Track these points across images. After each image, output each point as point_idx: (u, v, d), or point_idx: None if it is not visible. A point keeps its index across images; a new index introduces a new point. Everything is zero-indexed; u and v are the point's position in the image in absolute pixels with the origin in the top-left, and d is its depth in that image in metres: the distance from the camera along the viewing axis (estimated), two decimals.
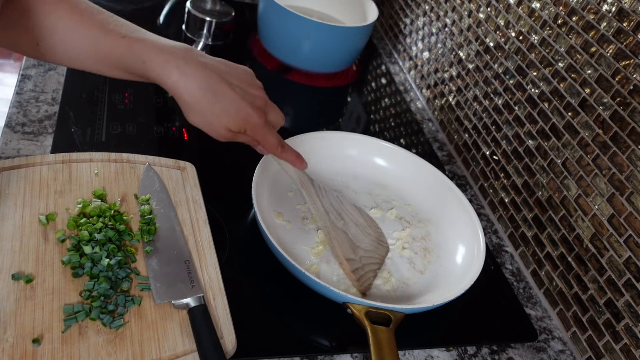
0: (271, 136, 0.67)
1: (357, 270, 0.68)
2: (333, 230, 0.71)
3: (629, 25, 0.67)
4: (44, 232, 0.62)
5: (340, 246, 0.70)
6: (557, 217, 0.77)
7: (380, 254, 0.73)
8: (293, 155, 0.72)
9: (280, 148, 0.69)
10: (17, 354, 0.51)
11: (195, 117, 0.62)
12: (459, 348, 0.68)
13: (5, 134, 0.76)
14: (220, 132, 0.64)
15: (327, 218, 0.72)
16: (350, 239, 0.71)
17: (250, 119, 0.63)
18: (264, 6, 1.06)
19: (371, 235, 0.74)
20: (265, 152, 0.71)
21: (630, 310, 0.65)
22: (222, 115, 0.62)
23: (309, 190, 0.73)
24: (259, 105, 0.65)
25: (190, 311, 0.57)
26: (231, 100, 0.62)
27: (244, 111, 0.63)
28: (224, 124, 0.63)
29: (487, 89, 0.93)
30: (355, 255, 0.70)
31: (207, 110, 0.61)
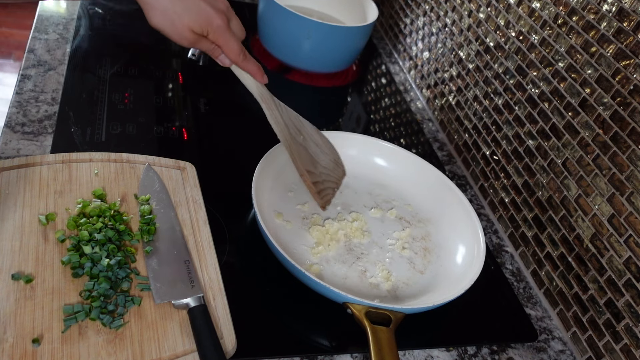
0: (233, 42, 0.66)
1: (317, 184, 0.68)
2: (293, 143, 0.70)
3: (629, 25, 0.67)
4: (43, 232, 0.62)
5: (300, 159, 0.69)
6: (557, 217, 0.77)
7: (337, 175, 0.73)
8: (255, 66, 0.70)
9: (242, 55, 0.67)
10: (17, 354, 0.51)
11: (157, 17, 0.62)
12: (459, 348, 0.68)
13: (5, 134, 0.76)
14: (182, 33, 0.63)
15: (287, 131, 0.71)
16: (310, 154, 0.71)
17: (212, 20, 0.63)
18: (264, 6, 1.06)
19: (328, 155, 0.74)
20: (227, 62, 0.69)
21: (630, 311, 0.65)
22: (183, 14, 0.61)
23: (269, 104, 0.71)
24: (222, 9, 0.65)
25: (190, 311, 0.57)
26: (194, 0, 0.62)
27: (207, 11, 0.62)
28: (186, 24, 0.62)
29: (487, 89, 0.93)
30: (315, 169, 0.70)
31: (168, 8, 0.61)
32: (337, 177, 0.73)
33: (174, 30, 0.63)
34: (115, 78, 0.92)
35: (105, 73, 0.93)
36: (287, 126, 0.72)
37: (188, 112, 0.92)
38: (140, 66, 0.98)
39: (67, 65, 0.91)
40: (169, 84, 0.97)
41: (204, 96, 0.96)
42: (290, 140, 0.71)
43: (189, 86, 0.97)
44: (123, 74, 0.94)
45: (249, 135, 0.90)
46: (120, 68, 0.95)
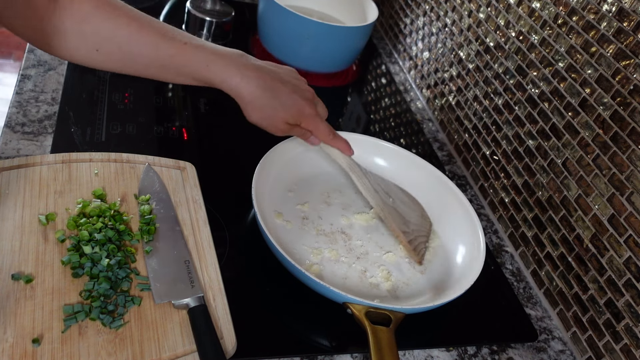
0: (323, 125, 0.73)
1: (412, 242, 0.73)
2: (385, 208, 0.75)
3: (629, 25, 0.67)
4: (43, 232, 0.62)
5: (395, 221, 0.74)
6: (557, 217, 0.77)
7: (425, 228, 0.78)
8: (343, 143, 0.76)
9: (332, 135, 0.74)
10: (17, 354, 0.51)
11: (255, 114, 0.68)
12: (459, 348, 0.68)
13: (5, 134, 0.76)
14: (278, 126, 0.69)
15: (378, 198, 0.76)
16: (401, 215, 0.76)
17: (304, 110, 0.70)
18: (264, 6, 1.06)
19: (415, 211, 0.79)
20: (316, 142, 0.75)
21: (630, 311, 0.65)
22: (279, 109, 0.68)
23: (358, 174, 0.77)
24: (309, 97, 0.71)
25: (190, 311, 0.57)
26: (287, 96, 0.68)
27: (299, 103, 0.69)
28: (282, 117, 0.68)
29: (487, 89, 0.93)
30: (408, 228, 0.74)
31: (266, 106, 0.67)
32: (426, 230, 0.78)
33: (270, 124, 0.69)
34: (115, 78, 0.92)
35: (105, 73, 0.93)
36: (377, 192, 0.76)
37: (188, 112, 0.92)
38: None
39: (67, 65, 0.91)
40: (169, 84, 0.97)
41: (204, 96, 0.96)
42: (383, 206, 0.75)
43: (189, 86, 0.97)
44: (123, 74, 0.94)
45: (249, 135, 0.90)
46: None
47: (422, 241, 0.75)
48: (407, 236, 0.73)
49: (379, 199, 0.75)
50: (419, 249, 0.73)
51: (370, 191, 0.76)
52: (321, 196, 0.80)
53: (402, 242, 0.73)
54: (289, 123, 0.69)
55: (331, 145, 0.75)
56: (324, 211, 0.78)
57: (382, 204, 0.75)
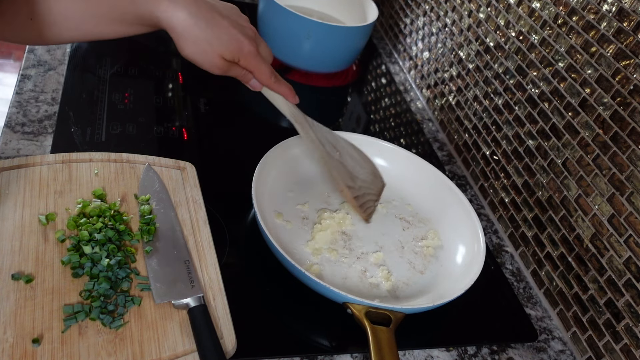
0: (265, 66, 0.67)
1: (358, 198, 0.69)
2: (330, 160, 0.71)
3: (629, 25, 0.67)
4: (43, 232, 0.62)
5: (340, 174, 0.70)
6: (557, 217, 0.77)
7: (376, 187, 0.74)
8: (286, 88, 0.70)
9: (274, 78, 0.68)
10: (17, 354, 0.51)
11: (188, 48, 0.62)
12: (459, 348, 0.68)
13: (5, 134, 0.76)
14: (214, 62, 0.63)
15: (323, 149, 0.71)
16: (348, 170, 0.71)
17: (243, 46, 0.63)
18: (264, 6, 1.06)
19: (366, 168, 0.75)
20: (257, 86, 0.69)
21: (630, 310, 0.65)
22: (215, 43, 0.62)
23: (303, 125, 0.72)
24: (250, 34, 0.65)
25: (190, 311, 0.57)
26: (223, 28, 0.62)
27: (237, 38, 0.63)
28: (218, 52, 0.62)
29: (487, 89, 0.93)
30: (354, 184, 0.70)
31: (200, 37, 0.61)
32: (376, 189, 0.74)
33: (205, 58, 0.63)
34: (115, 78, 0.92)
35: (105, 73, 0.93)
36: (322, 144, 0.72)
37: (188, 112, 0.92)
38: (140, 66, 0.98)
39: (67, 65, 0.91)
40: (169, 84, 0.97)
41: (204, 96, 0.96)
42: (327, 158, 0.71)
43: (189, 86, 0.97)
44: (123, 74, 0.94)
45: (249, 135, 0.90)
46: (120, 68, 0.95)
47: (370, 199, 0.71)
48: (352, 192, 0.69)
49: (324, 151, 0.71)
50: (367, 207, 0.69)
51: (315, 142, 0.71)
52: (321, 196, 0.80)
53: (347, 196, 0.69)
54: (225, 59, 0.63)
55: (273, 89, 0.70)
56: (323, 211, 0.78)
57: (327, 155, 0.71)
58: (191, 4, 0.61)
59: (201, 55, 0.63)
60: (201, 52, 0.62)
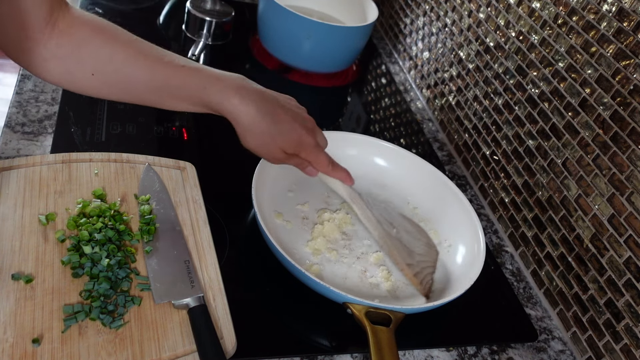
0: (323, 155, 0.69)
1: (418, 274, 0.70)
2: (389, 239, 0.72)
3: (629, 25, 0.67)
4: (43, 232, 0.62)
5: (399, 253, 0.71)
6: (557, 217, 0.77)
7: (432, 258, 0.74)
8: (344, 173, 0.72)
9: (331, 166, 0.71)
10: (17, 354, 0.51)
11: (252, 140, 0.64)
12: (459, 348, 0.68)
13: (5, 134, 0.76)
14: (274, 154, 0.66)
15: (381, 228, 0.73)
16: (405, 246, 0.73)
17: (304, 140, 0.66)
18: (264, 6, 1.06)
19: (421, 240, 0.76)
20: (314, 173, 0.71)
21: (630, 310, 0.65)
22: (277, 137, 0.64)
23: (359, 204, 0.74)
24: (310, 127, 0.67)
25: (190, 311, 0.57)
26: (287, 123, 0.64)
27: (298, 133, 0.65)
28: (279, 145, 0.65)
29: (487, 89, 0.93)
30: (413, 260, 0.72)
31: (264, 132, 0.63)
32: (432, 259, 0.75)
33: (267, 151, 0.66)
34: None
35: None
36: (379, 223, 0.73)
37: (188, 112, 0.91)
38: None
39: None
40: None
41: None
42: (387, 237, 0.72)
43: None
44: None
45: None
46: None
47: (428, 272, 0.72)
48: (412, 268, 0.70)
49: (382, 231, 0.73)
50: (425, 281, 0.70)
51: (372, 222, 0.73)
52: (321, 196, 0.80)
53: (408, 275, 0.70)
54: (286, 152, 0.66)
55: (332, 176, 0.72)
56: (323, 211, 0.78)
57: (386, 235, 0.72)
58: (259, 100, 0.63)
59: (263, 148, 0.65)
60: (264, 145, 0.65)
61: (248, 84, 0.64)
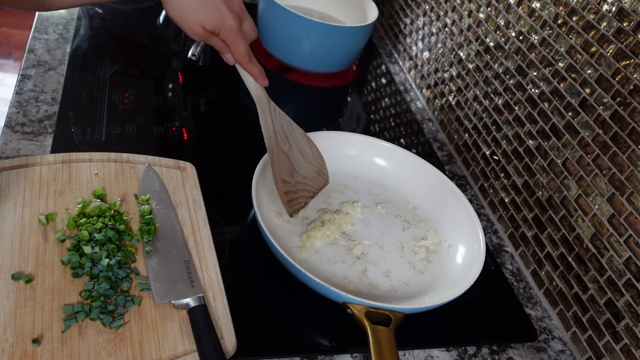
0: (242, 44, 0.67)
1: (289, 193, 0.72)
2: (276, 150, 0.73)
3: (629, 25, 0.67)
4: (44, 232, 0.62)
5: (279, 167, 0.72)
6: (557, 217, 0.77)
7: (316, 185, 0.76)
8: (257, 69, 0.71)
9: (248, 57, 0.69)
10: (17, 354, 0.51)
11: (172, 10, 0.63)
12: (459, 348, 0.68)
13: (5, 134, 0.76)
14: (193, 29, 0.64)
15: (274, 138, 0.73)
16: (291, 163, 0.73)
17: (226, 20, 0.64)
18: (264, 6, 1.06)
19: (312, 164, 0.76)
20: (231, 60, 0.70)
21: (630, 310, 0.65)
22: (199, 11, 0.63)
23: (263, 108, 0.73)
24: (236, 10, 0.66)
25: (190, 311, 0.57)
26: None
27: (221, 11, 0.64)
28: (200, 21, 0.63)
29: (487, 89, 0.93)
30: (292, 179, 0.72)
31: (184, 3, 0.62)
32: (316, 186, 0.76)
33: (186, 24, 0.64)
34: (115, 78, 0.92)
35: (105, 73, 0.93)
36: (275, 133, 0.74)
37: (188, 112, 0.92)
38: (140, 66, 0.98)
39: (67, 65, 0.91)
40: (169, 84, 0.97)
41: (204, 96, 0.96)
42: (275, 147, 0.73)
43: (189, 86, 0.97)
44: (123, 74, 0.94)
45: (249, 135, 0.90)
46: (120, 68, 0.95)
47: (303, 195, 0.73)
48: (286, 186, 0.71)
49: (274, 140, 0.73)
50: (296, 202, 0.71)
51: (268, 129, 0.73)
52: (321, 196, 0.80)
53: (279, 190, 0.71)
54: (206, 29, 0.64)
55: (245, 68, 0.71)
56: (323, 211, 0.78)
57: (275, 145, 0.72)
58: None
59: (182, 20, 0.64)
60: (183, 17, 0.63)
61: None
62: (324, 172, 0.78)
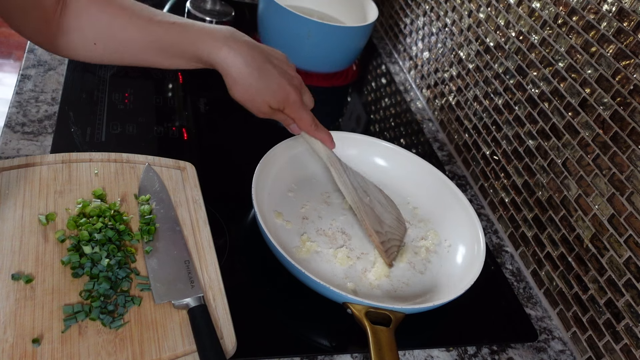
0: (307, 114, 0.71)
1: (384, 243, 0.72)
2: (361, 205, 0.74)
3: (629, 25, 0.67)
4: (44, 232, 0.62)
5: (369, 220, 0.73)
6: (557, 217, 0.77)
7: (400, 232, 0.76)
8: (325, 134, 0.75)
9: (314, 126, 0.73)
10: (17, 354, 0.51)
11: (239, 92, 0.66)
12: (459, 348, 0.68)
13: (5, 134, 0.76)
14: (260, 108, 0.68)
15: (355, 194, 0.74)
16: (376, 215, 0.74)
17: (289, 96, 0.68)
18: (264, 6, 1.06)
19: (392, 213, 0.78)
20: (297, 131, 0.74)
21: (630, 310, 0.65)
22: (264, 91, 0.66)
23: (337, 168, 0.76)
24: (297, 84, 0.69)
25: (190, 311, 0.57)
26: (274, 78, 0.66)
27: (285, 89, 0.67)
28: (266, 100, 0.67)
29: (487, 89, 0.93)
30: (382, 229, 0.73)
31: (251, 85, 0.65)
32: (400, 234, 0.77)
33: (253, 104, 0.68)
34: (115, 78, 0.93)
35: (105, 73, 0.93)
36: (355, 189, 0.75)
37: (188, 112, 0.92)
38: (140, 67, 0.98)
39: (67, 65, 0.91)
40: (169, 84, 0.97)
41: (204, 96, 0.96)
42: (359, 203, 0.74)
43: (189, 86, 0.97)
44: (123, 74, 0.94)
45: (249, 135, 0.90)
46: (120, 68, 0.95)
47: (394, 244, 0.74)
48: (380, 237, 0.72)
49: (356, 196, 0.74)
50: (391, 252, 0.72)
51: (348, 187, 0.75)
52: (321, 196, 0.80)
53: (375, 241, 0.72)
54: (272, 107, 0.68)
55: (313, 136, 0.74)
56: (324, 211, 0.78)
57: (359, 201, 0.74)
58: (247, 52, 0.65)
59: (250, 101, 0.67)
60: (250, 99, 0.67)
61: (238, 35, 0.66)
62: (401, 219, 0.79)
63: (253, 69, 0.65)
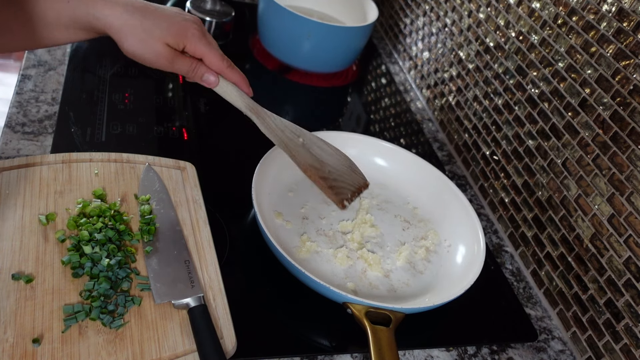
0: (214, 49, 0.62)
1: (327, 180, 0.65)
2: (290, 144, 0.67)
3: (629, 25, 0.67)
4: (44, 232, 0.62)
5: (301, 156, 0.66)
6: (557, 217, 0.77)
7: (354, 181, 0.69)
8: (240, 76, 0.65)
9: (227, 62, 0.63)
10: (17, 354, 0.51)
11: (127, 41, 0.59)
12: (459, 348, 0.68)
13: (5, 134, 0.76)
14: (157, 50, 0.60)
15: (282, 134, 0.68)
16: (313, 155, 0.67)
17: (187, 29, 0.60)
18: (264, 6, 1.06)
19: (338, 159, 0.70)
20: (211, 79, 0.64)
21: (630, 310, 0.65)
22: (154, 30, 0.59)
23: (259, 114, 0.68)
24: (194, 19, 0.62)
25: (190, 311, 0.57)
26: (161, 15, 0.59)
27: (179, 22, 0.60)
28: (158, 37, 0.59)
29: (487, 89, 0.93)
30: (321, 167, 0.66)
31: (136, 26, 0.58)
32: (354, 182, 0.69)
33: (147, 48, 0.60)
34: (115, 78, 0.93)
35: (105, 73, 0.93)
36: (281, 130, 0.70)
37: (188, 112, 0.92)
38: (140, 66, 0.97)
39: (67, 65, 0.91)
40: (169, 84, 0.97)
41: (204, 96, 0.96)
42: (287, 141, 0.69)
43: (189, 86, 0.97)
44: (123, 74, 0.94)
45: (249, 135, 0.90)
46: (120, 68, 0.95)
47: (346, 188, 0.67)
48: (318, 172, 0.65)
49: (283, 135, 0.67)
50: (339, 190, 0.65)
51: (272, 129, 0.67)
52: (321, 196, 0.80)
53: (312, 176, 0.65)
54: (169, 45, 0.60)
55: (226, 76, 0.65)
56: (324, 211, 0.78)
57: (287, 139, 0.67)
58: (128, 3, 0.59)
59: (143, 48, 0.59)
60: (142, 44, 0.59)
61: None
62: (356, 170, 0.71)
63: (134, 12, 0.58)
